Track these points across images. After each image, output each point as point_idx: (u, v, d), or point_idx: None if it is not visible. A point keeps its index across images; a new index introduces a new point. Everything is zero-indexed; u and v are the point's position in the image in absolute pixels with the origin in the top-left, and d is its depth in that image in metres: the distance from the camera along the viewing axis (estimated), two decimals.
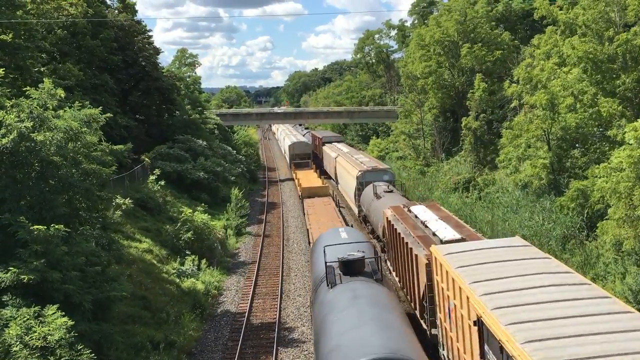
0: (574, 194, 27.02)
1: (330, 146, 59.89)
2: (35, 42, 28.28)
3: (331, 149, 57.78)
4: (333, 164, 52.38)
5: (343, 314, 13.94)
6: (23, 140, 15.90)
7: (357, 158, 46.90)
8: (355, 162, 44.49)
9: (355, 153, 52.32)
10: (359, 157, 47.40)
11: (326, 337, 13.45)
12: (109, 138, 23.59)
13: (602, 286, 22.18)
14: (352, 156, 48.37)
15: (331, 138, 68.34)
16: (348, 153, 51.70)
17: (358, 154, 50.74)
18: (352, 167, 42.34)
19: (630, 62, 27.57)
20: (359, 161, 44.64)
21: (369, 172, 38.94)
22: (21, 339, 12.50)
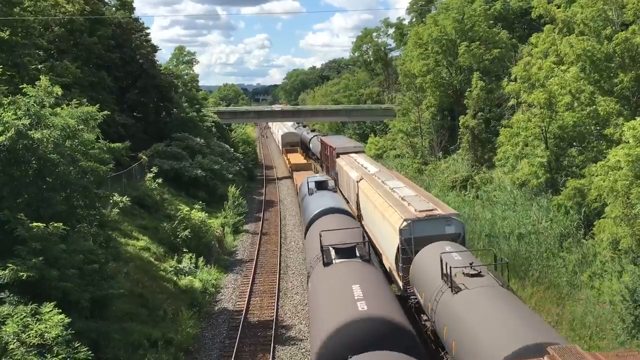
0: (571, 193, 27.07)
1: (348, 159, 41.86)
2: (33, 40, 28.22)
3: (350, 164, 39.72)
4: (353, 188, 34.63)
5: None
6: (20, 138, 15.87)
7: (394, 188, 27.17)
8: (394, 198, 25.50)
9: (388, 176, 31.84)
10: (397, 187, 27.53)
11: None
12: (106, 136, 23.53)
13: (599, 284, 22.30)
14: (385, 183, 28.99)
15: (347, 147, 47.21)
16: (377, 176, 31.84)
17: (392, 179, 30.44)
18: (389, 209, 24.29)
19: (629, 60, 27.61)
20: (399, 196, 25.47)
21: (421, 222, 21.66)
22: (18, 336, 12.48)
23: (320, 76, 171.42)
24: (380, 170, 34.61)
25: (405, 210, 22.82)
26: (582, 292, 22.64)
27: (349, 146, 47.87)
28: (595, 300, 21.59)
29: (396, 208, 23.49)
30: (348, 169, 38.69)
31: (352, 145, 49.17)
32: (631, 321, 18.55)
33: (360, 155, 43.71)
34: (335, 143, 50.39)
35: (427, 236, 20.86)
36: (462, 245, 20.14)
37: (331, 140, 54.61)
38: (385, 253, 24.56)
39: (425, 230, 21.30)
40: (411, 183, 31.20)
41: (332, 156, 48.48)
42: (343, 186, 40.83)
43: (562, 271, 24.42)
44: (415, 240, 21.13)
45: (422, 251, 19.66)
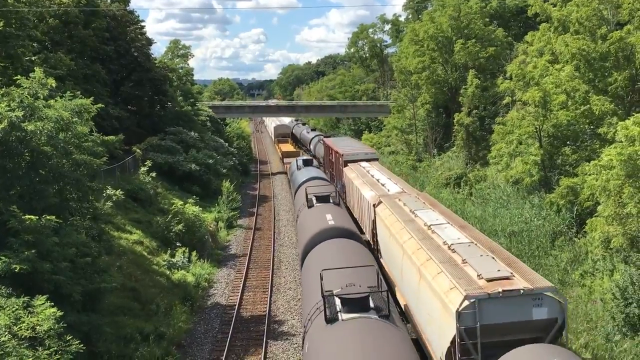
0: (564, 191, 27.19)
1: (359, 170, 33.59)
2: (27, 31, 28.02)
3: (362, 176, 31.31)
4: (368, 212, 25.95)
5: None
6: (13, 130, 15.80)
7: (432, 226, 18.60)
8: (436, 247, 16.85)
9: (418, 201, 22.75)
10: (437, 224, 18.92)
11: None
12: (100, 129, 23.47)
13: (590, 283, 22.43)
14: (417, 215, 20.33)
15: (357, 153, 38.30)
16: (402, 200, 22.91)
17: (425, 207, 21.66)
18: (431, 267, 15.74)
19: (623, 60, 27.71)
20: (444, 242, 17.02)
21: (493, 302, 13.26)
22: (10, 329, 12.45)
23: (315, 72, 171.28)
24: (403, 190, 25.87)
25: (463, 277, 13.99)
26: (574, 290, 22.77)
27: (360, 152, 38.59)
28: (586, 298, 21.72)
29: (446, 271, 14.56)
30: (359, 183, 29.73)
31: (363, 150, 39.90)
32: (622, 319, 18.68)
33: (374, 165, 34.88)
34: (342, 148, 40.45)
35: (502, 324, 13.03)
36: (565, 349, 12.12)
37: (337, 144, 43.71)
38: (427, 340, 15.53)
39: (500, 315, 13.05)
40: (454, 215, 20.87)
41: (338, 164, 39.30)
42: (353, 204, 31.48)
43: (553, 269, 24.53)
44: (484, 330, 12.93)
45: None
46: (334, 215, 22.74)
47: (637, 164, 19.96)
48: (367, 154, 38.25)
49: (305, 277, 18.08)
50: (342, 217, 23.16)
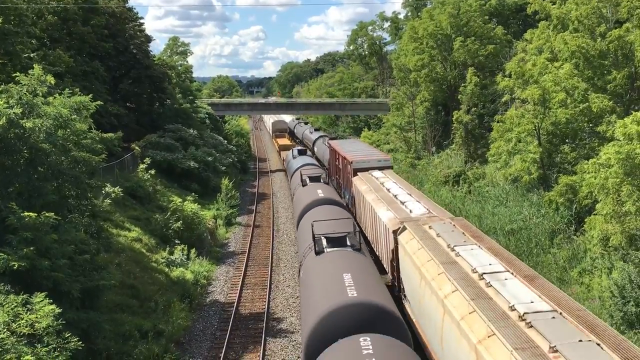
0: (562, 189, 27.21)
1: (371, 182, 28.70)
2: (25, 28, 27.97)
3: (376, 191, 26.45)
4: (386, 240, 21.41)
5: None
6: (12, 127, 15.78)
7: (485, 275, 13.46)
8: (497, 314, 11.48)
9: (455, 230, 17.87)
10: (494, 272, 13.71)
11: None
12: (99, 126, 23.46)
13: (588, 281, 22.46)
14: (458, 252, 15.52)
15: (369, 160, 33.49)
16: (435, 229, 18.04)
17: (467, 240, 16.62)
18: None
19: (622, 58, 27.72)
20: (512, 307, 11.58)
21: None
22: (8, 326, 12.44)
23: (314, 69, 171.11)
24: (431, 212, 20.82)
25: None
26: (572, 288, 22.80)
27: (372, 159, 33.58)
28: (584, 297, 21.75)
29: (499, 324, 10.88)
30: (373, 200, 24.51)
31: (375, 157, 34.45)
32: (620, 317, 18.72)
33: (389, 175, 29.69)
34: (351, 153, 35.76)
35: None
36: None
37: (345, 148, 38.98)
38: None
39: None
40: (509, 256, 15.29)
41: (346, 171, 34.59)
42: (365, 223, 26.59)
43: (552, 267, 24.57)
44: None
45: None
46: (323, 190, 29.02)
47: (636, 162, 19.97)
48: (380, 161, 33.37)
49: (300, 232, 23.92)
50: (329, 192, 29.60)
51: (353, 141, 50.48)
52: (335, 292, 14.34)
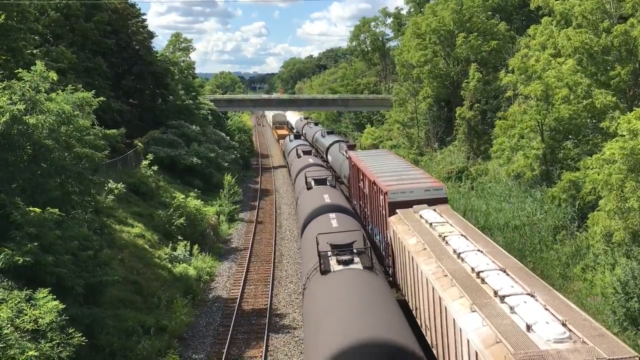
0: (565, 185, 27.16)
1: (422, 229, 19.00)
2: (28, 24, 27.95)
3: (434, 248, 16.86)
4: (461, 350, 12.54)
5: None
6: (15, 123, 15.80)
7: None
8: None
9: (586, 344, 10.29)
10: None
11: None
12: (101, 122, 23.47)
13: (591, 277, 22.43)
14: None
15: (412, 190, 22.77)
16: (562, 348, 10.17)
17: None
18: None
19: (626, 54, 27.59)
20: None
21: None
22: (12, 321, 12.49)
23: (317, 65, 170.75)
24: (575, 336, 10.76)
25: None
26: (575, 284, 22.78)
27: (416, 186, 22.85)
28: (587, 293, 21.73)
29: None
30: (435, 275, 15.35)
31: (420, 183, 23.39)
32: (622, 313, 18.70)
33: (450, 218, 19.76)
34: (383, 176, 25.27)
35: None
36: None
37: (372, 166, 28.47)
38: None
39: None
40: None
41: (376, 203, 24.74)
42: (418, 304, 17.46)
43: (555, 263, 24.55)
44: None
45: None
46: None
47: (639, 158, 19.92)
48: (428, 191, 22.47)
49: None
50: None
51: (382, 153, 35.37)
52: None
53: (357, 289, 14.57)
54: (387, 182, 23.73)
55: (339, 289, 14.73)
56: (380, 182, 23.97)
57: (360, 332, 11.80)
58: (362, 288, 14.64)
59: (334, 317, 13.15)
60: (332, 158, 47.34)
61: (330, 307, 13.87)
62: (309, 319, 14.89)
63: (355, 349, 11.34)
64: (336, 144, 48.92)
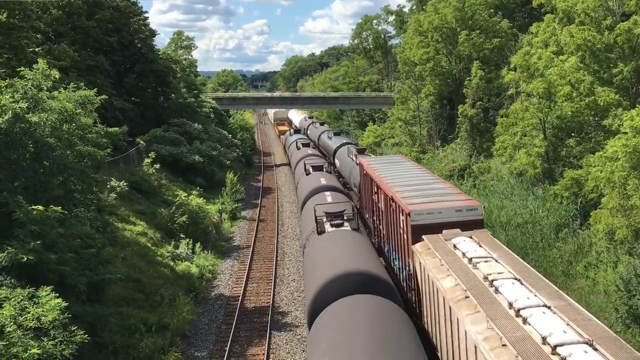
0: (568, 183, 27.12)
1: (460, 268, 14.34)
2: (30, 22, 27.98)
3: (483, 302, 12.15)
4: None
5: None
6: (17, 121, 15.82)
7: None
8: None
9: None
10: None
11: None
12: (104, 120, 23.51)
13: (594, 275, 22.40)
14: None
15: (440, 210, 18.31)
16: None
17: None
18: None
19: (629, 51, 27.52)
20: None
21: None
22: (15, 319, 12.52)
23: (319, 63, 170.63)
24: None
25: None
26: (577, 282, 22.76)
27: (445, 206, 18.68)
28: (589, 290, 21.71)
29: None
30: (475, 325, 11.65)
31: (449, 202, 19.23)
32: (625, 311, 18.68)
33: (492, 249, 15.52)
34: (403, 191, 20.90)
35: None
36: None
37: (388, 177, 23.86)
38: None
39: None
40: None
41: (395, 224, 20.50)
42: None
43: (557, 261, 24.52)
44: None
45: None
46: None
47: None
48: (460, 211, 18.39)
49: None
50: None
51: (398, 160, 29.20)
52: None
53: (345, 242, 18.99)
54: (409, 200, 19.21)
55: (332, 243, 19.08)
56: (400, 200, 19.41)
57: (345, 267, 16.05)
58: (349, 242, 19.02)
59: (326, 260, 17.35)
60: (340, 162, 42.15)
61: (324, 256, 18.05)
62: (308, 266, 18.87)
63: (341, 277, 15.56)
64: (344, 147, 43.36)
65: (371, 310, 13.87)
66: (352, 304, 14.25)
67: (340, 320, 13.67)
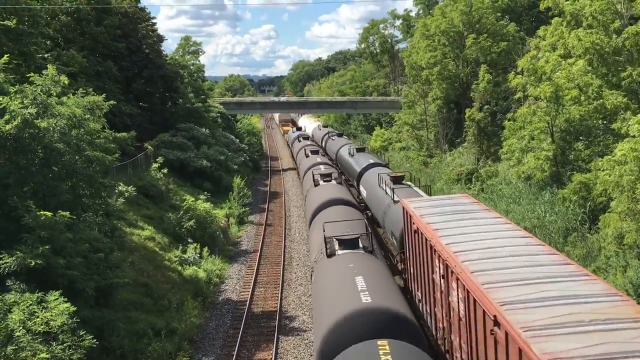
0: (576, 187, 26.99)
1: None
2: (39, 28, 28.25)
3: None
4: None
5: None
6: (27, 127, 15.93)
7: None
8: None
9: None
10: None
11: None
12: (112, 125, 23.63)
13: (603, 279, 22.24)
14: None
15: (573, 310, 9.50)
16: None
17: None
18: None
19: (637, 54, 27.39)
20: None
21: None
22: (24, 324, 12.58)
23: (326, 68, 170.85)
24: None
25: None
26: None
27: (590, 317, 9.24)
28: None
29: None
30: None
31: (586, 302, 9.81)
32: None
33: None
34: (489, 271, 11.81)
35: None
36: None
37: (458, 240, 14.25)
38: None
39: None
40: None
41: (490, 342, 10.79)
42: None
43: None
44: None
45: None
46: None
47: None
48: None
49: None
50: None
51: (464, 208, 17.79)
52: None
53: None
54: (517, 306, 10.11)
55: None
56: (504, 313, 9.99)
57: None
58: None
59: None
60: (368, 193, 31.14)
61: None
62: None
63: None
64: (372, 171, 33.19)
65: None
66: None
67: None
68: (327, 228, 19.50)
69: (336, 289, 15.19)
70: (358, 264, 16.49)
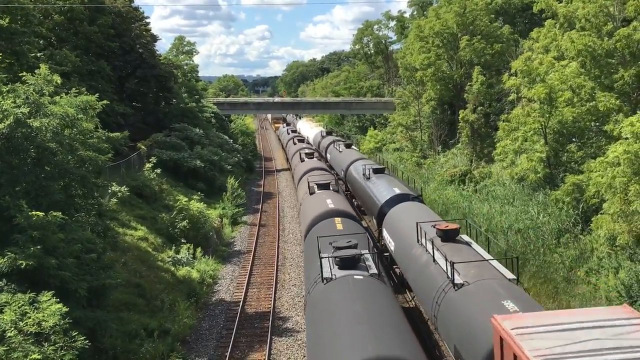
0: (569, 188, 27.08)
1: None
2: (32, 27, 28.10)
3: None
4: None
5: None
6: (19, 126, 15.85)
7: None
8: None
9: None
10: None
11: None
12: (105, 125, 23.53)
13: (595, 280, 22.34)
14: None
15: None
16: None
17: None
18: None
19: (629, 57, 27.55)
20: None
21: None
22: (15, 324, 12.51)
23: (320, 68, 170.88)
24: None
25: None
26: (579, 288, 22.70)
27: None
28: (591, 296, 21.64)
29: None
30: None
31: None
32: None
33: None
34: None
35: None
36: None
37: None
38: None
39: None
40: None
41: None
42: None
43: (559, 267, 24.47)
44: None
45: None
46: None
47: None
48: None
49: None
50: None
51: (623, 335, 9.85)
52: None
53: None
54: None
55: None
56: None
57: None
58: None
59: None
60: (398, 244, 21.77)
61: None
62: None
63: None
64: (403, 208, 24.81)
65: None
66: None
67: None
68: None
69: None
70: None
